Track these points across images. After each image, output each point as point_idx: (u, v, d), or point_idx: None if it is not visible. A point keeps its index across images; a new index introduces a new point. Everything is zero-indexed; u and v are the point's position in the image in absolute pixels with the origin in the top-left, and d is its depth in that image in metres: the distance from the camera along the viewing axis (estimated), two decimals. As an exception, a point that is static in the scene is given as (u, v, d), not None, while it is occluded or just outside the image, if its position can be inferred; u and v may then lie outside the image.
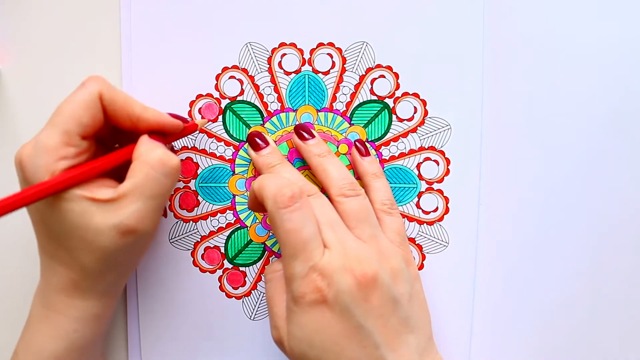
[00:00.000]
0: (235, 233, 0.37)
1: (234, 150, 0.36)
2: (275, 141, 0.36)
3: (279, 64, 0.36)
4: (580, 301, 0.36)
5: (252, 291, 0.37)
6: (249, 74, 0.36)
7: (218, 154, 0.37)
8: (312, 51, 0.36)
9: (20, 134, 0.37)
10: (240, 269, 0.37)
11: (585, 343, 0.37)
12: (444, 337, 0.36)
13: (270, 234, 0.37)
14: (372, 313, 0.29)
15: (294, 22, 0.36)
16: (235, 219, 0.37)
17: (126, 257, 0.30)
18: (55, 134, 0.28)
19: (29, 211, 0.30)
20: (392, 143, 0.36)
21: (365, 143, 0.36)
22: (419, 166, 0.36)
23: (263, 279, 0.37)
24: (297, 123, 0.36)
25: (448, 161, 0.36)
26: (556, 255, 0.36)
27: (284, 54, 0.36)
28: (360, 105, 0.36)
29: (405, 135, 0.36)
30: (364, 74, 0.36)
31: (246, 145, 0.36)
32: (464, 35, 0.35)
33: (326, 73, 0.36)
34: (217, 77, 0.36)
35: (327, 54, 0.36)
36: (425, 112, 0.36)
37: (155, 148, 0.29)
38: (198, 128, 0.35)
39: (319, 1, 0.36)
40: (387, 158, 0.36)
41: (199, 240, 0.37)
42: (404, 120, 0.36)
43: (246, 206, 0.37)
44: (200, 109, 0.36)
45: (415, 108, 0.36)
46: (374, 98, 0.36)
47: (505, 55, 0.36)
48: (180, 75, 0.36)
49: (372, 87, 0.36)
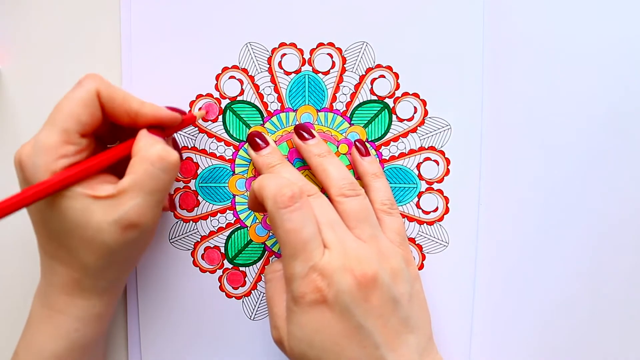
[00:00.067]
0: (235, 233, 0.37)
1: (234, 150, 0.36)
2: (275, 141, 0.36)
3: (279, 64, 0.36)
4: (580, 301, 0.36)
5: (252, 291, 0.37)
6: (249, 74, 0.36)
7: (218, 154, 0.37)
8: (312, 51, 0.36)
9: (20, 134, 0.37)
10: (240, 269, 0.37)
11: (585, 343, 0.37)
12: (444, 337, 0.36)
13: (270, 234, 0.37)
14: (372, 313, 0.29)
15: (294, 22, 0.36)
16: (235, 219, 0.37)
17: (127, 254, 0.30)
18: (55, 133, 0.28)
19: (29, 211, 0.30)
20: (392, 143, 0.36)
21: (365, 143, 0.36)
22: (419, 166, 0.36)
23: (263, 279, 0.37)
24: (297, 123, 0.36)
25: (448, 161, 0.36)
26: (556, 255, 0.36)
27: (284, 54, 0.36)
28: (360, 105, 0.36)
29: (405, 135, 0.36)
30: (364, 74, 0.36)
31: (246, 145, 0.36)
32: (464, 35, 0.35)
33: (326, 73, 0.36)
34: (217, 77, 0.36)
35: (327, 54, 0.36)
36: (425, 112, 0.36)
37: (155, 143, 0.29)
38: (196, 119, 0.35)
39: (319, 1, 0.36)
40: (387, 158, 0.36)
41: (199, 240, 0.37)
42: (404, 120, 0.36)
43: (246, 206, 0.37)
44: (200, 109, 0.36)
45: (415, 108, 0.36)
46: (374, 98, 0.36)
47: (505, 55, 0.36)
48: (180, 75, 0.36)
49: (372, 87, 0.36)
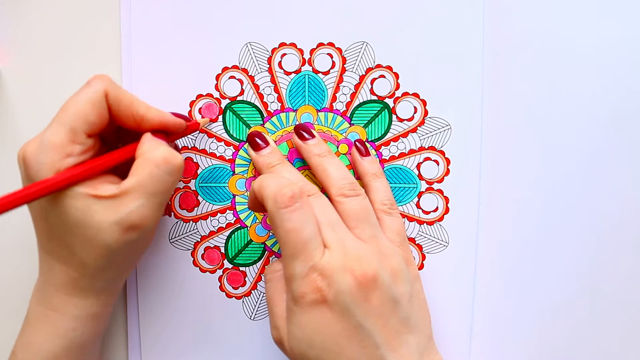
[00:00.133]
0: (235, 233, 0.37)
1: (234, 150, 0.36)
2: (275, 141, 0.36)
3: (279, 64, 0.36)
4: (580, 301, 0.36)
5: (252, 291, 0.37)
6: (249, 74, 0.36)
7: (218, 154, 0.37)
8: (312, 51, 0.36)
9: (21, 133, 0.37)
10: (240, 269, 0.37)
11: (585, 343, 0.37)
12: (444, 337, 0.36)
13: (270, 234, 0.37)
14: (372, 313, 0.29)
15: (294, 22, 0.36)
16: (235, 219, 0.37)
17: (127, 255, 0.30)
18: (62, 132, 0.28)
19: (30, 208, 0.30)
20: (392, 143, 0.36)
21: (365, 143, 0.36)
22: (419, 166, 0.36)
23: (263, 279, 0.37)
24: (297, 123, 0.36)
25: (448, 161, 0.36)
26: (556, 255, 0.36)
27: (284, 54, 0.36)
28: (360, 105, 0.36)
29: (405, 135, 0.36)
30: (364, 74, 0.36)
31: (246, 145, 0.36)
32: (463, 35, 0.35)
33: (326, 73, 0.36)
34: (217, 77, 0.36)
35: (327, 54, 0.36)
36: (425, 112, 0.36)
37: (159, 146, 0.29)
38: (200, 127, 0.35)
39: (319, 1, 0.36)
40: (387, 158, 0.36)
41: (199, 240, 0.37)
42: (404, 120, 0.36)
43: (246, 206, 0.37)
44: (200, 109, 0.36)
45: (415, 108, 0.36)
46: (374, 98, 0.36)
47: (505, 55, 0.36)
48: (180, 75, 0.36)
49: (372, 87, 0.36)
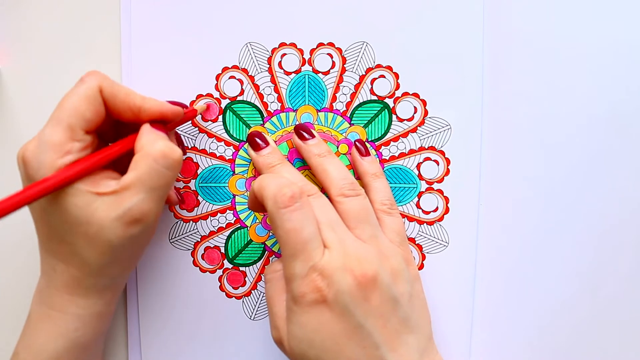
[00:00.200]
0: (235, 233, 0.37)
1: (234, 150, 0.36)
2: (275, 141, 0.36)
3: (279, 64, 0.36)
4: (580, 301, 0.36)
5: (252, 291, 0.37)
6: (249, 74, 0.36)
7: (218, 154, 0.37)
8: (312, 51, 0.36)
9: (21, 133, 0.37)
10: (240, 269, 0.37)
11: (585, 343, 0.37)
12: (444, 337, 0.36)
13: (270, 234, 0.37)
14: (372, 313, 0.29)
15: (294, 22, 0.36)
16: (235, 219, 0.37)
17: (129, 250, 0.30)
18: (60, 130, 0.28)
19: (31, 209, 0.30)
20: (392, 143, 0.36)
21: (365, 143, 0.36)
22: (419, 166, 0.36)
23: (263, 279, 0.37)
24: (297, 123, 0.36)
25: (448, 161, 0.36)
26: (556, 255, 0.36)
27: (284, 54, 0.36)
28: (360, 105, 0.36)
29: (405, 135, 0.36)
30: (364, 74, 0.36)
31: (246, 145, 0.36)
32: (463, 35, 0.35)
33: (326, 73, 0.36)
34: (217, 77, 0.36)
35: (327, 54, 0.36)
36: (425, 112, 0.36)
37: (158, 140, 0.29)
38: (197, 113, 0.35)
39: (319, 1, 0.36)
40: (387, 158, 0.36)
41: (199, 240, 0.37)
42: (404, 120, 0.36)
43: (246, 206, 0.37)
44: (198, 104, 0.36)
45: (415, 108, 0.36)
46: (374, 98, 0.36)
47: (505, 55, 0.36)
48: (180, 75, 0.36)
49: (372, 87, 0.36)
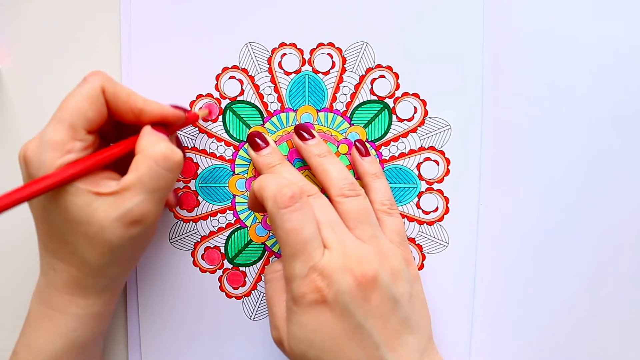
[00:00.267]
0: (235, 233, 0.37)
1: (234, 151, 0.36)
2: (275, 141, 0.36)
3: (279, 64, 0.36)
4: (580, 301, 0.36)
5: (252, 291, 0.37)
6: (249, 74, 0.36)
7: (218, 154, 0.37)
8: (312, 51, 0.36)
9: (21, 133, 0.37)
10: (240, 269, 0.37)
11: (585, 343, 0.37)
12: (444, 337, 0.36)
13: (270, 234, 0.37)
14: (372, 313, 0.29)
15: (294, 22, 0.36)
16: (235, 219, 0.37)
17: (129, 251, 0.30)
18: (62, 129, 0.28)
19: (31, 207, 0.30)
20: (392, 143, 0.36)
21: (365, 143, 0.36)
22: (419, 166, 0.36)
23: (263, 279, 0.37)
24: (297, 123, 0.36)
25: (448, 161, 0.36)
26: (556, 255, 0.36)
27: (284, 54, 0.36)
28: (360, 105, 0.36)
29: (405, 135, 0.36)
30: (364, 74, 0.36)
31: (246, 145, 0.36)
32: (463, 35, 0.35)
33: (326, 73, 0.36)
34: (217, 77, 0.36)
35: (327, 54, 0.36)
36: (425, 112, 0.36)
37: (159, 141, 0.29)
38: (199, 117, 0.35)
39: (319, 1, 0.36)
40: (387, 158, 0.36)
41: (199, 240, 0.37)
42: (404, 120, 0.36)
43: (246, 206, 0.37)
44: (200, 109, 0.36)
45: (415, 108, 0.36)
46: (374, 98, 0.36)
47: (505, 55, 0.36)
48: (180, 75, 0.36)
49: (372, 87, 0.36)
